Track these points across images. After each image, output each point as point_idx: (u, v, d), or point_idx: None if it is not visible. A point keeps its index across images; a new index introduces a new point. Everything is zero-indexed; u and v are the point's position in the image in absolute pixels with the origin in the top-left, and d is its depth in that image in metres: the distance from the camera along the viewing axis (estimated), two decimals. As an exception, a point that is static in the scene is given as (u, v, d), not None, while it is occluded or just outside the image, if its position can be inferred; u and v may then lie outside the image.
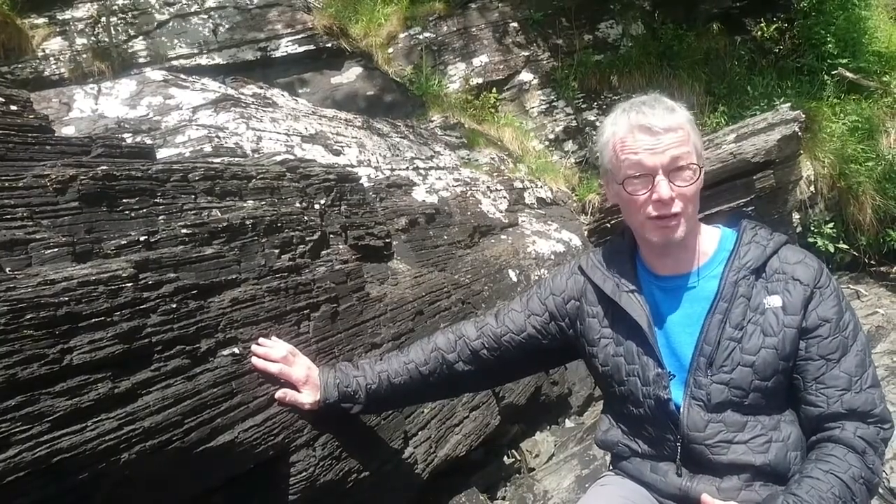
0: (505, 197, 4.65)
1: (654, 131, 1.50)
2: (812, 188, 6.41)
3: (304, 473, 1.73)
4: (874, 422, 1.47)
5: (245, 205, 2.04)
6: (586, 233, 5.06)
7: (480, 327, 1.83)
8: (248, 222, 1.94)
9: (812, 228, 6.40)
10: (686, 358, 1.58)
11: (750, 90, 7.13)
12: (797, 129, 4.92)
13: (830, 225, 6.43)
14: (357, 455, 1.94)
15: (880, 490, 2.02)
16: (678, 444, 1.60)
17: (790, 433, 1.54)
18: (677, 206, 1.51)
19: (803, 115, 5.17)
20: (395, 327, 2.39)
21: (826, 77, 7.31)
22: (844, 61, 7.32)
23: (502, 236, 4.10)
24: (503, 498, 3.08)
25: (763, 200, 4.65)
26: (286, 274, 1.97)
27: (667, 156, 1.50)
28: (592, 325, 1.72)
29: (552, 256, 4.23)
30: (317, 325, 1.99)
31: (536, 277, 3.91)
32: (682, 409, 1.58)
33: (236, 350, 1.67)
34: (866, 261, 6.83)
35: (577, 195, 5.93)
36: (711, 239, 1.66)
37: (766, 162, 4.57)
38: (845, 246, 6.56)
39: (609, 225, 4.93)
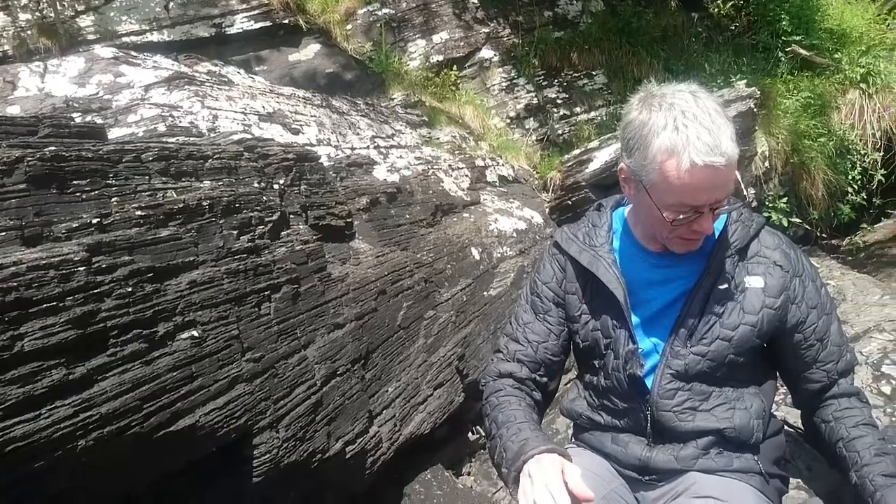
0: (467, 175, 4.64)
1: (717, 170, 1.38)
2: (767, 163, 6.53)
3: (267, 455, 1.72)
4: (852, 370, 1.66)
5: (201, 185, 1.99)
6: (548, 210, 5.09)
7: (513, 358, 1.74)
8: (204, 203, 1.90)
9: (767, 203, 6.54)
10: (665, 328, 1.61)
11: (707, 67, 7.21)
12: (752, 106, 5.01)
13: (784, 199, 6.58)
14: (321, 436, 1.94)
15: (787, 427, 2.09)
16: (647, 412, 1.64)
17: (752, 403, 1.61)
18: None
19: (758, 92, 5.25)
20: (358, 307, 2.38)
21: (780, 54, 7.43)
22: (798, 38, 7.44)
23: (464, 214, 4.10)
24: (468, 473, 3.12)
25: (720, 176, 4.72)
26: (245, 255, 1.95)
27: (720, 194, 1.43)
28: (573, 301, 1.72)
29: (514, 234, 4.24)
30: (278, 306, 1.97)
31: (499, 255, 3.93)
32: (654, 377, 1.62)
33: (195, 333, 1.65)
34: (818, 234, 7.02)
35: (538, 172, 5.94)
36: None
37: (722, 138, 4.63)
38: (798, 220, 6.72)
39: (570, 202, 4.97)
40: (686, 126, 1.39)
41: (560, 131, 6.67)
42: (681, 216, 1.46)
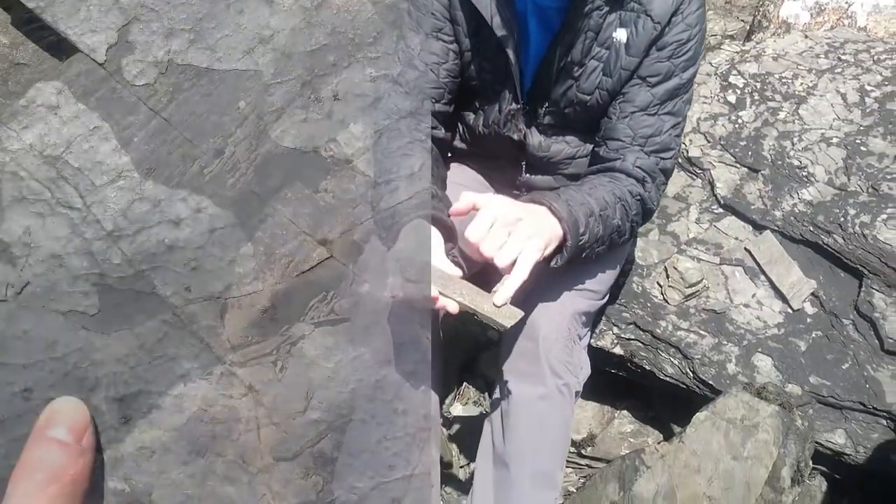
0: None
1: None
2: None
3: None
4: (655, 150, 1.42)
5: None
6: None
7: (413, 89, 1.45)
8: None
9: None
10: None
11: None
12: None
13: None
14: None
15: (680, 160, 2.22)
16: (523, 162, 1.61)
17: None
18: None
19: None
20: None
21: None
22: None
23: None
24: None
25: None
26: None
27: None
28: (458, 32, 1.47)
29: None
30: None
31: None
32: (526, 135, 1.55)
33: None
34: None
35: None
36: None
37: None
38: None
39: None
40: None
41: None
42: None
